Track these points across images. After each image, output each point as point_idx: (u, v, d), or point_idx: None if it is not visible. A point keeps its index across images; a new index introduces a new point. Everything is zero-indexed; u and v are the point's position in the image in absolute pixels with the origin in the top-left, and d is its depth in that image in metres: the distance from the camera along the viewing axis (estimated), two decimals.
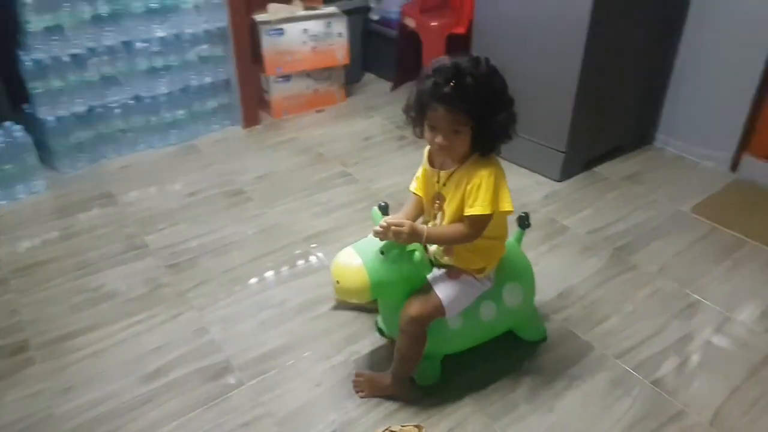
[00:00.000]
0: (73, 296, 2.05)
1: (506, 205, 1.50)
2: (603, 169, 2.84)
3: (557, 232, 2.40)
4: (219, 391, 1.70)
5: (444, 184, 1.55)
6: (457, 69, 1.42)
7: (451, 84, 1.40)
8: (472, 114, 1.42)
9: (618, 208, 2.55)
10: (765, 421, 1.63)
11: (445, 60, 1.46)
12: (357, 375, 1.73)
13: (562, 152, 2.68)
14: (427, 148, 1.62)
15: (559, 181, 2.73)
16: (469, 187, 1.49)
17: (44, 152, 2.67)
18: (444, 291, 1.59)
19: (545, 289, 2.03)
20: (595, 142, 2.83)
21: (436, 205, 1.60)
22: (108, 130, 2.82)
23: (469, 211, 1.49)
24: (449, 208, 1.55)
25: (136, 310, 1.99)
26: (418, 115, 1.50)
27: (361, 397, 1.68)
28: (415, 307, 1.56)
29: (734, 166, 2.78)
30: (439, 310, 1.57)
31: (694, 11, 2.71)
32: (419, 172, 1.66)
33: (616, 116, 2.85)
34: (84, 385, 1.72)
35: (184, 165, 2.87)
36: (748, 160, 2.73)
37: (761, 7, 2.47)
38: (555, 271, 2.16)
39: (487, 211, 1.47)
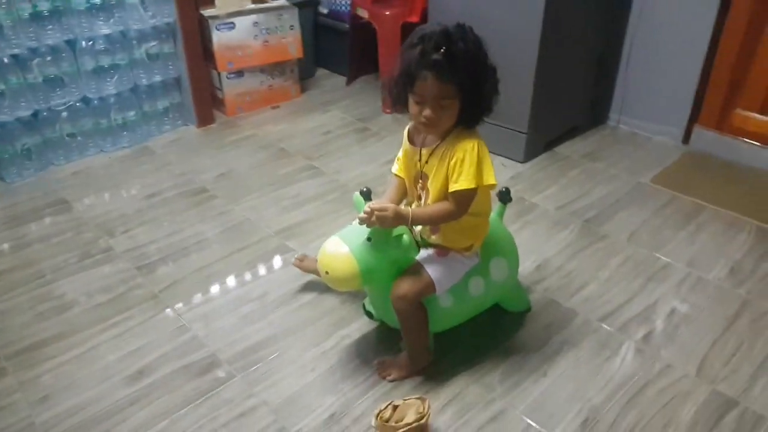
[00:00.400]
0: (38, 305, 1.96)
1: (490, 178, 1.48)
2: (562, 149, 2.92)
3: (527, 209, 2.45)
4: (209, 386, 1.66)
5: (426, 162, 1.53)
6: (447, 35, 1.37)
7: (442, 51, 1.35)
8: (461, 84, 1.38)
9: (581, 184, 2.63)
10: (746, 369, 1.71)
11: (430, 27, 1.41)
12: (378, 363, 1.70)
13: (524, 134, 2.74)
14: (407, 127, 1.60)
15: (523, 162, 2.79)
16: (452, 162, 1.46)
17: None
18: (432, 268, 1.59)
19: (523, 262, 2.04)
20: (554, 123, 2.91)
21: (419, 184, 1.59)
22: (55, 135, 2.71)
23: (453, 187, 1.47)
24: (433, 186, 1.53)
25: (110, 314, 1.92)
26: (403, 88, 1.45)
27: (390, 380, 1.66)
28: (405, 286, 1.55)
29: (686, 138, 2.90)
30: (429, 287, 1.57)
31: None
32: (400, 153, 1.64)
33: (571, 98, 2.94)
34: (62, 392, 1.65)
35: (138, 168, 2.79)
36: (698, 132, 2.85)
37: None
38: (530, 246, 2.20)
39: (472, 185, 1.46)
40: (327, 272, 1.53)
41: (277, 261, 2.16)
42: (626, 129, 3.08)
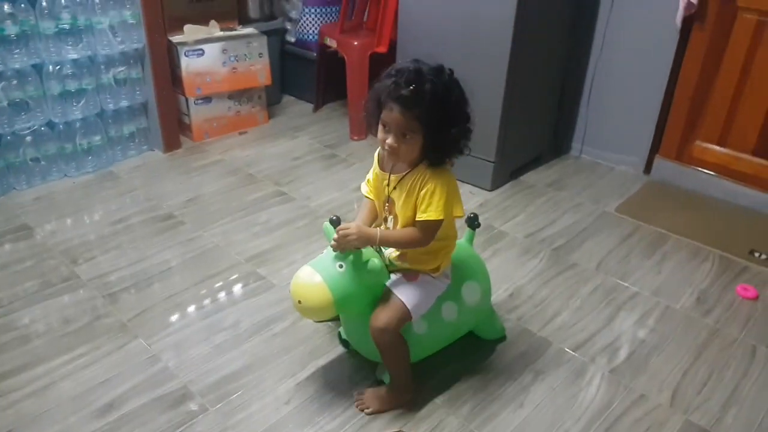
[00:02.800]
0: (1, 335, 1.88)
1: (458, 211, 1.56)
2: (527, 177, 2.97)
3: (497, 237, 2.47)
4: (182, 419, 1.61)
5: (394, 188, 1.57)
6: (419, 73, 1.44)
7: (411, 87, 1.42)
8: (424, 121, 1.44)
9: (548, 212, 2.67)
10: (718, 398, 1.75)
11: (408, 63, 1.48)
12: (358, 394, 1.68)
13: (491, 162, 2.78)
14: (378, 150, 1.63)
15: (490, 190, 2.83)
16: (423, 192, 1.51)
17: None
18: (405, 294, 1.59)
19: (496, 290, 2.09)
20: (519, 152, 2.96)
21: (386, 208, 1.62)
22: (18, 159, 2.64)
23: (421, 216, 1.51)
24: (401, 213, 1.56)
25: (76, 343, 1.86)
26: (373, 113, 1.51)
27: (368, 414, 1.64)
28: (381, 318, 1.55)
29: (647, 168, 2.99)
30: (404, 314, 1.57)
31: (601, 24, 2.90)
32: (370, 175, 1.67)
33: (536, 127, 3.01)
34: (29, 425, 1.58)
35: (102, 193, 2.73)
36: (659, 162, 2.94)
37: (663, 17, 2.68)
38: (501, 274, 2.23)
39: (440, 217, 1.51)
40: (300, 302, 1.53)
41: (248, 289, 2.13)
42: (588, 158, 3.16)
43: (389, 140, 1.47)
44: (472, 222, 1.83)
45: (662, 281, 2.23)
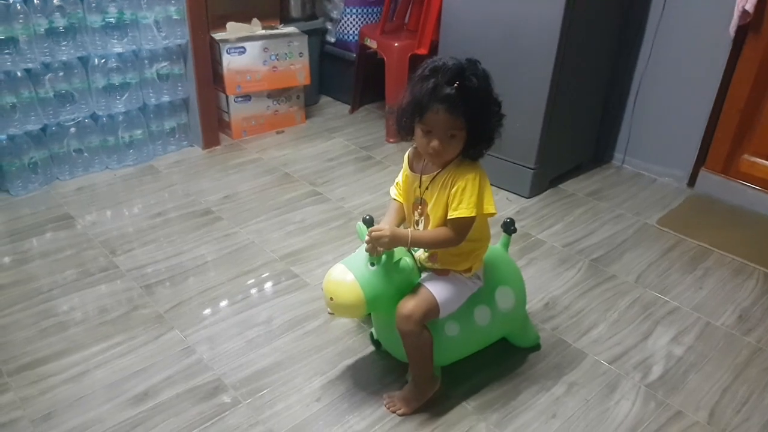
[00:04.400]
0: (41, 321, 1.96)
1: (490, 207, 1.53)
2: (567, 186, 2.96)
3: (533, 245, 2.48)
4: (214, 411, 1.66)
5: (426, 189, 1.57)
6: (460, 69, 1.42)
7: (455, 85, 1.41)
8: (470, 118, 1.43)
9: (587, 222, 2.66)
10: (757, 418, 1.73)
11: (442, 60, 1.46)
12: (388, 396, 1.71)
13: (531, 169, 2.78)
14: (408, 152, 1.65)
15: (528, 197, 2.83)
16: (453, 190, 1.51)
17: None
18: (435, 287, 1.60)
19: (531, 300, 2.09)
20: (560, 160, 2.95)
21: (418, 210, 1.62)
22: (62, 150, 2.74)
23: (453, 214, 1.51)
24: (433, 213, 1.57)
25: (113, 332, 1.92)
26: (411, 118, 1.49)
27: (401, 415, 1.66)
28: (408, 306, 1.55)
29: (692, 181, 2.96)
30: (433, 306, 1.57)
31: (650, 33, 2.89)
32: (399, 178, 1.68)
33: (578, 135, 3.00)
34: (66, 410, 1.64)
35: (142, 186, 2.81)
36: (704, 175, 2.90)
37: (715, 26, 2.66)
38: (537, 283, 2.23)
39: (472, 214, 1.50)
40: (332, 298, 1.56)
41: (281, 286, 2.17)
42: (631, 169, 3.13)
43: (434, 143, 1.46)
44: (508, 227, 1.84)
45: (703, 297, 2.21)
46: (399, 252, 1.58)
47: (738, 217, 2.75)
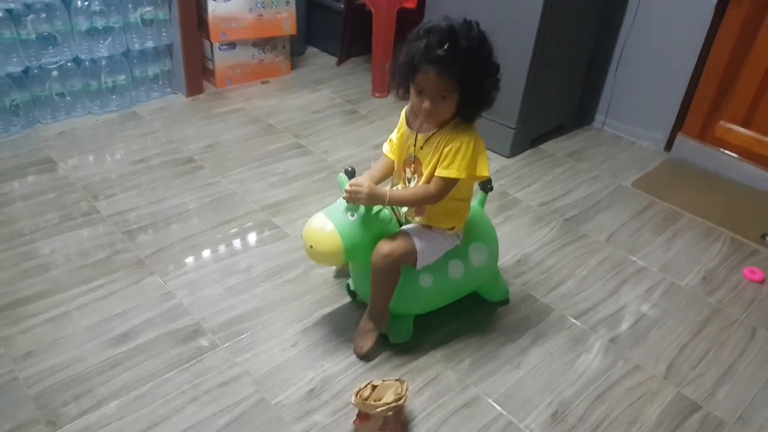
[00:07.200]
0: (23, 262, 1.99)
1: (484, 170, 1.58)
2: (547, 146, 3.00)
3: (510, 204, 2.53)
4: (193, 353, 1.71)
5: (421, 148, 1.60)
6: (452, 31, 1.43)
7: (445, 47, 1.41)
8: (462, 80, 1.45)
9: (564, 182, 2.72)
10: (712, 374, 1.82)
11: (437, 21, 1.47)
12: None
13: (512, 128, 2.81)
14: (405, 109, 1.67)
15: (509, 157, 2.87)
16: (446, 149, 1.54)
17: None
18: (416, 236, 1.66)
19: (504, 256, 2.16)
20: (542, 120, 2.98)
21: (411, 168, 1.66)
22: (44, 93, 2.72)
23: (441, 173, 1.54)
24: (427, 171, 1.60)
25: (95, 275, 1.96)
26: (405, 77, 1.51)
27: (365, 353, 1.73)
28: (386, 246, 1.61)
29: (669, 145, 3.01)
30: (411, 251, 1.63)
31: None
32: (394, 135, 1.71)
33: (560, 96, 3.03)
34: (46, 349, 1.69)
35: (125, 132, 2.81)
36: (681, 140, 2.95)
37: None
38: (511, 240, 2.29)
39: (462, 176, 1.54)
40: (311, 246, 1.61)
41: (262, 236, 2.21)
42: (610, 131, 3.18)
43: (426, 104, 1.48)
44: (485, 185, 1.88)
45: (670, 258, 2.28)
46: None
47: (711, 181, 2.81)
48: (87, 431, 1.49)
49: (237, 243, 2.17)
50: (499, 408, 1.64)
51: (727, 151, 2.83)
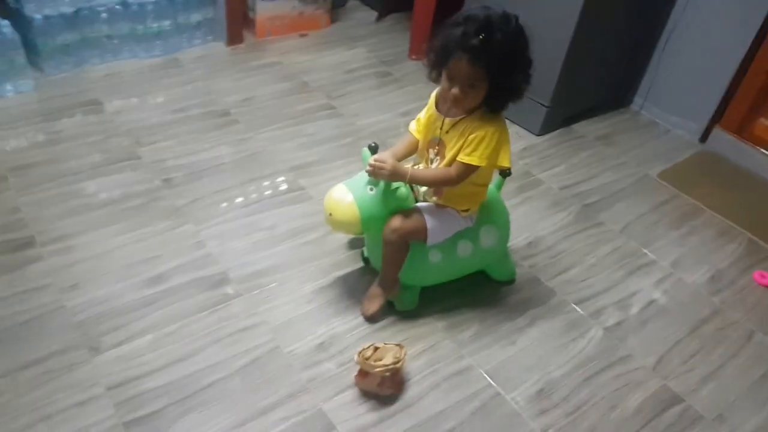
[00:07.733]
0: (71, 200, 2.31)
1: (505, 162, 1.79)
2: (579, 127, 3.16)
3: (531, 184, 2.74)
4: (218, 300, 2.02)
5: (447, 132, 1.79)
6: (489, 22, 1.55)
7: (480, 37, 1.54)
8: (492, 71, 1.59)
9: (589, 166, 2.90)
10: (699, 371, 2.02)
11: (477, 10, 1.61)
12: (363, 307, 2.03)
13: (545, 106, 2.97)
14: (435, 92, 1.85)
15: (538, 135, 3.05)
16: (471, 136, 1.72)
17: (30, 52, 2.85)
18: (428, 215, 1.87)
19: (515, 237, 2.38)
20: (576, 99, 3.11)
21: (435, 149, 1.86)
22: (93, 35, 3.00)
23: (463, 159, 1.73)
24: (450, 155, 1.79)
25: (134, 218, 2.27)
26: (438, 61, 1.68)
27: (370, 315, 2.00)
28: (397, 221, 1.82)
29: (704, 137, 3.14)
30: (421, 227, 1.85)
31: None
32: (422, 114, 1.89)
33: (598, 76, 3.13)
34: (89, 282, 2.01)
35: (167, 79, 3.09)
36: (717, 133, 3.07)
37: None
38: (526, 221, 2.51)
39: (482, 164, 1.73)
40: (331, 214, 1.85)
41: (288, 197, 2.48)
42: (647, 116, 3.31)
43: (455, 91, 1.63)
44: (504, 171, 2.06)
45: (682, 254, 2.47)
46: (397, 182, 1.83)
47: (741, 179, 2.94)
48: (122, 359, 1.81)
49: (264, 201, 2.44)
50: (489, 379, 1.90)
51: (763, 150, 2.93)
